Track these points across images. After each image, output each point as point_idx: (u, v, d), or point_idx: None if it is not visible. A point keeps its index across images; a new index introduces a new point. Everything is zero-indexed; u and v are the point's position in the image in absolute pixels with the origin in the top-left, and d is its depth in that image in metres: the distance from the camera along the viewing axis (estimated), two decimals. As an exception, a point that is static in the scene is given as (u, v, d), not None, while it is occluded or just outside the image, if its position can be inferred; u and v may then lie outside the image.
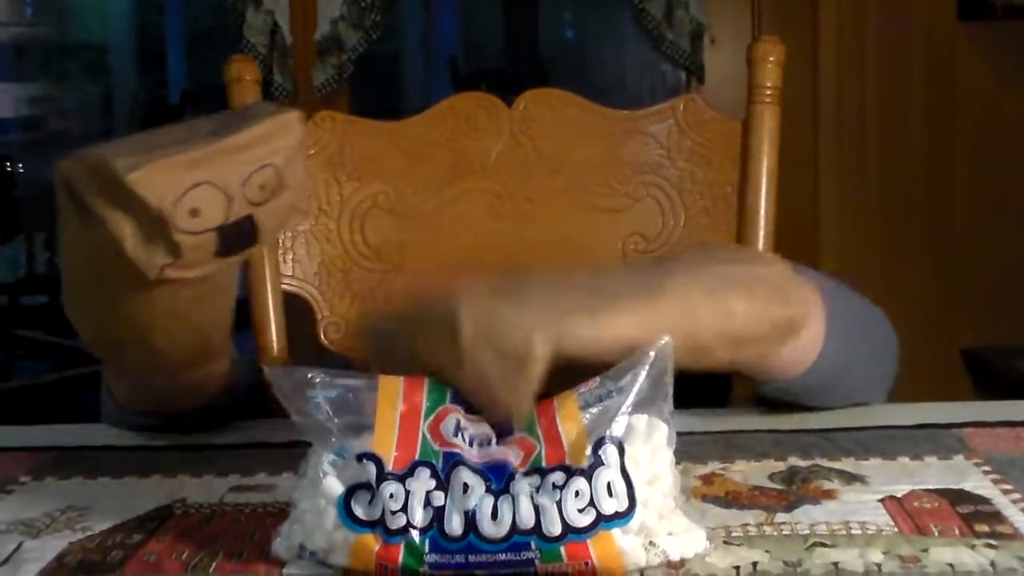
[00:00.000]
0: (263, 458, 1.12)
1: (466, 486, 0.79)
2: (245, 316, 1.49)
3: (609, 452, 0.80)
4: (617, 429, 0.81)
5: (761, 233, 1.46)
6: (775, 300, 1.03)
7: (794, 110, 1.56)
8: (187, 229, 0.97)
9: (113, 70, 7.79)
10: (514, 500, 0.78)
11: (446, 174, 1.52)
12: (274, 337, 1.50)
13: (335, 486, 0.81)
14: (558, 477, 0.79)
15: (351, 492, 0.81)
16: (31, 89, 7.41)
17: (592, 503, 0.78)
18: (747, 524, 0.90)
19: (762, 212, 1.46)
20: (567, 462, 0.80)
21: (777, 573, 0.80)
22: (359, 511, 0.80)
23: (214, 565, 0.86)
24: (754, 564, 0.81)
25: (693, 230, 1.48)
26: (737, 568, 0.80)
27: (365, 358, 1.33)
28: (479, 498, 0.79)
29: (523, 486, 0.79)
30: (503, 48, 6.59)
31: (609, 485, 0.79)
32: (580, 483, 0.78)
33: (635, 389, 0.83)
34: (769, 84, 1.46)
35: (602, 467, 0.79)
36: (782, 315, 1.04)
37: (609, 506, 0.78)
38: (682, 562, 0.81)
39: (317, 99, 3.11)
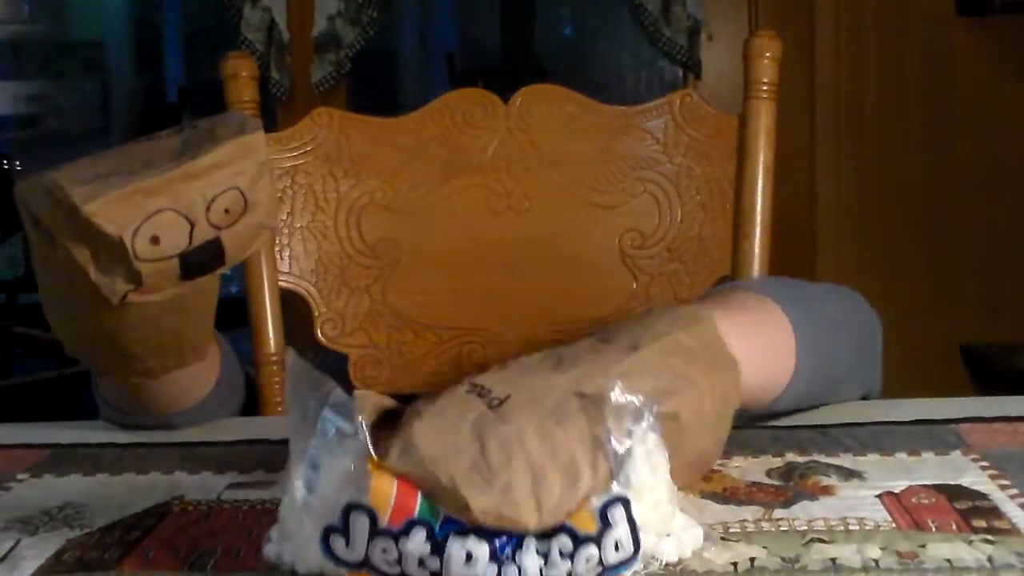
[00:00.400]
0: (261, 454, 1.12)
1: (469, 555, 0.73)
2: (242, 313, 1.49)
3: (617, 513, 0.75)
4: (622, 485, 0.77)
5: (757, 229, 1.46)
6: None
7: (791, 105, 1.56)
8: (147, 257, 0.96)
9: (111, 68, 7.79)
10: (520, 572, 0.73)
11: (443, 170, 1.52)
12: (271, 334, 1.50)
13: (314, 520, 0.77)
14: (565, 543, 0.74)
15: (330, 532, 0.76)
16: (29, 87, 7.41)
17: (600, 562, 0.75)
18: (745, 520, 0.90)
19: (758, 208, 1.46)
20: (570, 524, 0.75)
21: (775, 569, 0.80)
22: (342, 552, 0.75)
23: (212, 562, 0.86)
24: (752, 560, 0.81)
25: (690, 225, 1.48)
26: (735, 564, 0.80)
27: (358, 352, 1.33)
28: (483, 569, 0.73)
29: (530, 561, 0.74)
30: (500, 45, 6.59)
31: (617, 543, 0.75)
32: (590, 550, 0.74)
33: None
34: (765, 80, 1.46)
35: (610, 529, 0.75)
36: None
37: (615, 557, 0.75)
38: (679, 560, 0.81)
39: (314, 95, 3.10)
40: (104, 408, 1.23)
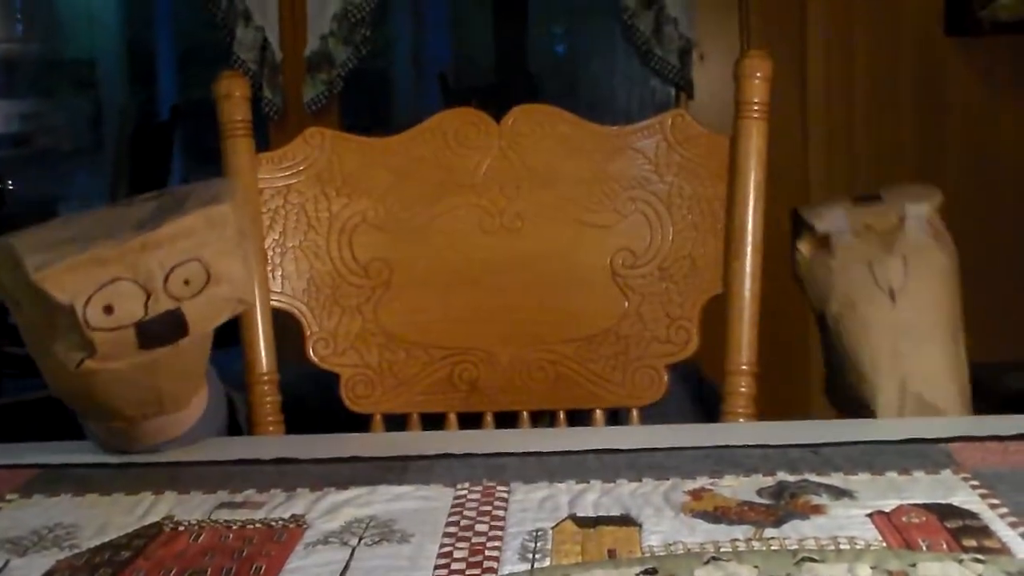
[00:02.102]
0: (250, 475, 1.12)
1: None
2: (234, 332, 1.49)
3: None
4: None
5: (749, 249, 1.46)
6: None
7: (782, 125, 1.56)
8: (100, 326, 0.96)
9: (103, 86, 7.77)
10: None
11: (435, 190, 1.52)
12: (263, 353, 1.49)
13: None
14: None
15: None
16: (20, 105, 7.39)
17: None
18: (736, 540, 0.90)
19: (750, 227, 1.47)
20: None
21: (765, 588, 0.80)
22: None
23: (202, 582, 0.86)
24: (742, 580, 0.81)
25: (681, 244, 1.49)
26: (725, 584, 0.80)
27: (350, 371, 1.33)
28: None
29: None
30: (493, 63, 6.59)
31: None
32: None
33: None
34: (757, 100, 1.46)
35: None
36: None
37: None
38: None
39: (307, 114, 3.10)
40: (91, 437, 1.23)
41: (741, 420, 1.44)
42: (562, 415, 1.50)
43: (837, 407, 1.37)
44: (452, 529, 0.96)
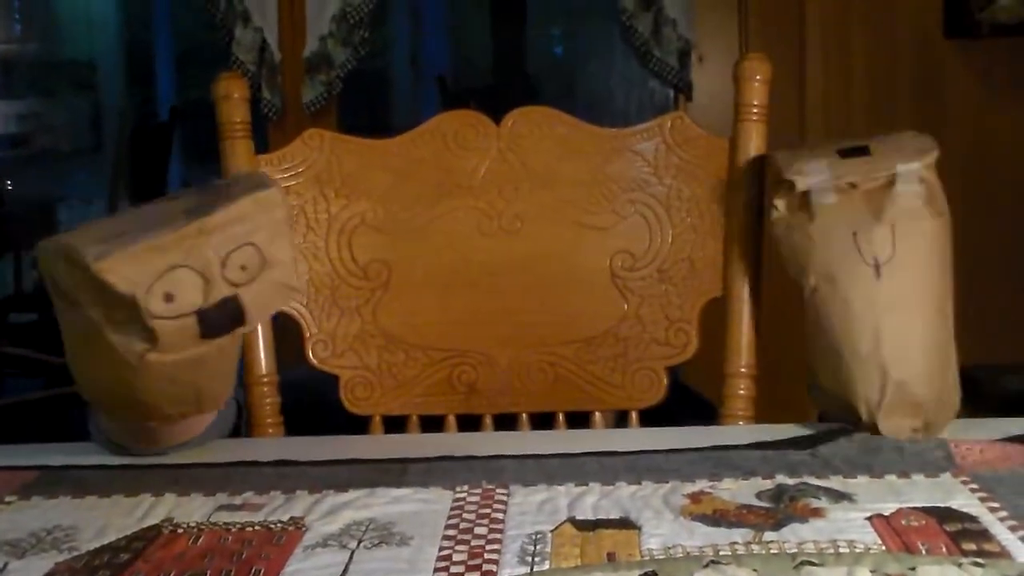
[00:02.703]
0: (249, 477, 1.12)
1: None
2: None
3: None
4: None
5: (748, 251, 1.46)
6: None
7: (781, 127, 1.56)
8: (161, 315, 0.96)
9: (101, 87, 7.77)
10: None
11: (434, 192, 1.52)
12: (262, 354, 1.49)
13: None
14: None
15: None
16: (19, 106, 7.38)
17: None
18: (735, 543, 0.90)
19: (749, 230, 1.46)
20: None
21: (765, 592, 0.80)
22: None
23: (201, 585, 0.86)
24: (742, 583, 0.81)
25: (680, 247, 1.48)
26: (725, 587, 0.80)
27: (349, 373, 1.33)
28: None
29: None
30: (491, 65, 6.60)
31: None
32: None
33: None
34: (756, 102, 1.46)
35: None
36: None
37: None
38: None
39: (306, 116, 3.10)
40: (97, 435, 1.23)
41: (740, 423, 1.44)
42: (561, 417, 1.50)
43: (820, 406, 1.27)
44: (451, 532, 0.96)
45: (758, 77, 1.46)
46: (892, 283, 1.17)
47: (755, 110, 1.46)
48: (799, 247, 1.21)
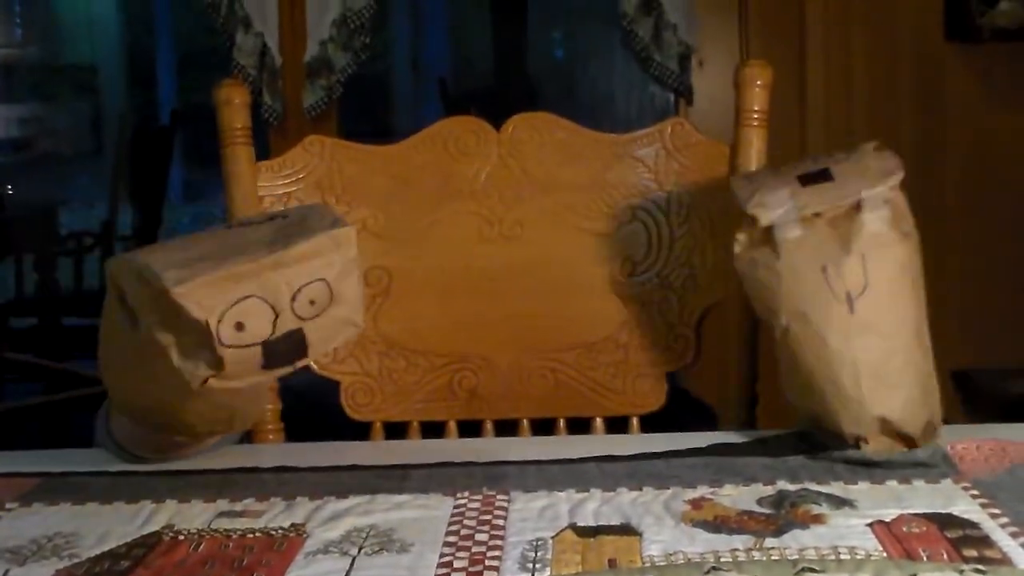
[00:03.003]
0: (251, 483, 1.12)
1: None
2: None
3: None
4: None
5: (749, 256, 1.46)
6: None
7: (782, 132, 1.56)
8: (231, 343, 0.98)
9: (103, 91, 7.79)
10: None
11: (434, 198, 1.52)
12: (263, 361, 1.49)
13: None
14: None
15: None
16: (20, 110, 7.40)
17: None
18: (736, 549, 0.90)
19: (750, 235, 1.46)
20: None
21: (765, 599, 0.80)
22: None
23: (201, 593, 0.86)
24: (743, 590, 0.81)
25: (680, 253, 1.48)
26: (726, 594, 0.80)
27: (350, 379, 1.33)
28: None
29: None
30: (492, 68, 6.60)
31: None
32: None
33: None
34: (756, 107, 1.46)
35: None
36: None
37: None
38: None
39: (306, 120, 3.10)
40: (104, 439, 1.23)
41: (739, 429, 1.44)
42: (562, 423, 1.50)
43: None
44: (452, 538, 0.96)
45: (759, 82, 1.46)
46: (867, 315, 1.13)
47: (756, 115, 1.46)
48: (766, 285, 1.17)
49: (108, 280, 1.06)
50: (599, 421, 1.50)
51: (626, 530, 0.97)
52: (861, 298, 1.13)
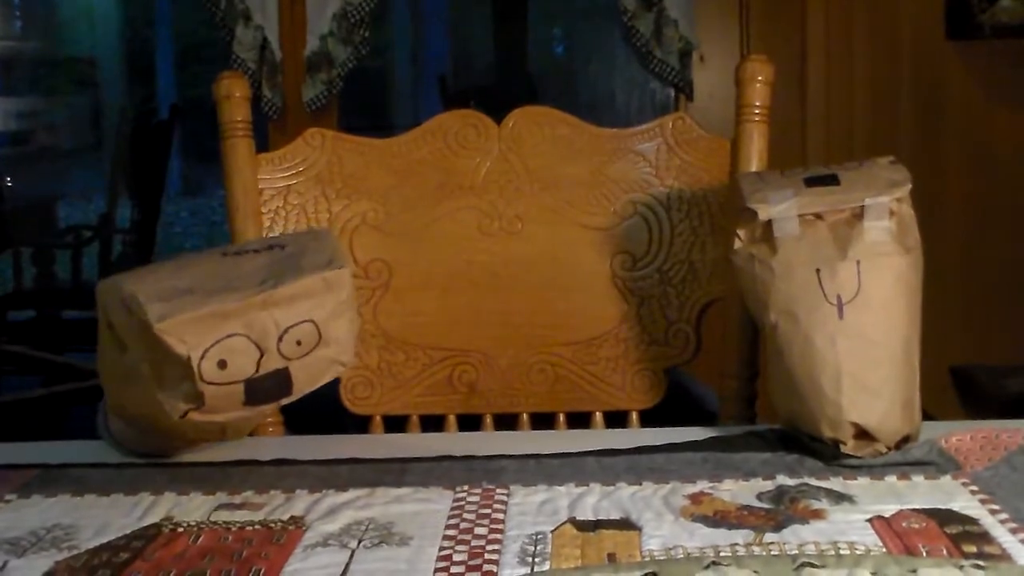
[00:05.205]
0: (249, 476, 1.12)
1: None
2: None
3: None
4: None
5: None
6: None
7: (782, 128, 1.56)
8: (213, 380, 0.97)
9: (102, 84, 7.79)
10: None
11: (435, 192, 1.52)
12: (262, 354, 1.49)
13: None
14: None
15: None
16: (19, 103, 7.39)
17: None
18: (736, 544, 0.90)
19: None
20: None
21: (765, 594, 0.80)
22: None
23: (201, 584, 0.86)
24: (742, 585, 0.81)
25: (680, 248, 1.48)
26: (725, 589, 0.80)
27: (349, 373, 1.32)
28: None
29: None
30: (492, 64, 6.60)
31: None
32: None
33: None
34: (758, 103, 1.46)
35: None
36: None
37: None
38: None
39: (306, 114, 3.10)
40: (105, 432, 1.23)
41: (738, 423, 1.44)
42: (561, 417, 1.50)
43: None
44: (451, 532, 0.96)
45: (760, 78, 1.46)
46: (856, 323, 1.13)
47: (757, 111, 1.46)
48: (760, 280, 1.17)
49: (98, 303, 1.05)
50: (598, 416, 1.50)
51: (625, 524, 0.97)
52: (851, 304, 1.13)
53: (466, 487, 1.07)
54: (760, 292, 1.17)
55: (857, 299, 1.13)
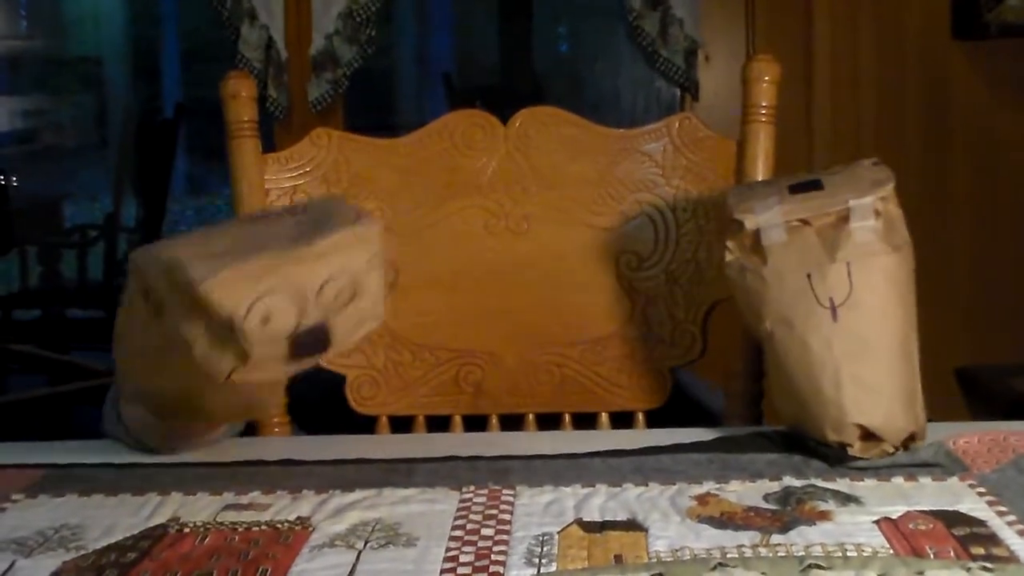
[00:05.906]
0: (256, 477, 1.12)
1: None
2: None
3: None
4: None
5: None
6: None
7: (788, 128, 1.55)
8: (257, 337, 0.98)
9: (108, 83, 7.78)
10: None
11: (441, 191, 1.52)
12: (268, 354, 1.49)
13: None
14: None
15: None
16: (25, 102, 7.40)
17: None
18: (742, 545, 0.90)
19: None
20: None
21: (773, 595, 0.79)
22: None
23: (208, 585, 0.86)
24: (750, 586, 0.81)
25: (687, 248, 1.48)
26: (733, 590, 0.80)
27: (356, 373, 1.32)
28: None
29: None
30: (497, 63, 6.59)
31: None
32: None
33: None
34: (764, 103, 1.46)
35: None
36: None
37: None
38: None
39: (312, 114, 3.10)
40: (112, 428, 1.23)
41: (744, 423, 1.44)
42: (568, 418, 1.50)
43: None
44: (458, 533, 0.96)
45: (766, 78, 1.46)
46: (850, 324, 1.13)
47: (763, 111, 1.46)
48: (753, 290, 1.18)
49: (131, 272, 1.06)
50: (605, 416, 1.50)
51: (632, 526, 0.96)
52: (844, 305, 1.13)
53: (472, 488, 1.07)
54: (754, 302, 1.18)
55: (850, 300, 1.14)
